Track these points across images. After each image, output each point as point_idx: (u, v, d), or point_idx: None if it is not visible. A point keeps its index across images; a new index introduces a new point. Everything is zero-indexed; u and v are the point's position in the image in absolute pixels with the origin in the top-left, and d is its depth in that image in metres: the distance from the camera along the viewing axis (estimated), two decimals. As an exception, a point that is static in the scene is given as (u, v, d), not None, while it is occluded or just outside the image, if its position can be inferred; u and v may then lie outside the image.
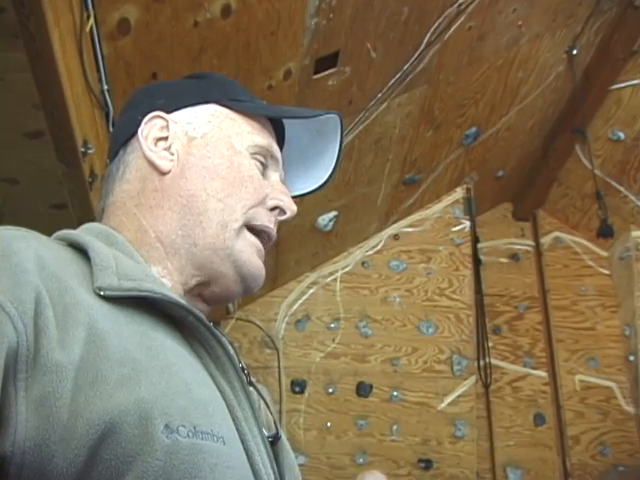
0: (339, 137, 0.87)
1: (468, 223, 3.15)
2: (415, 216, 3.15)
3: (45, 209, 2.01)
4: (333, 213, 2.73)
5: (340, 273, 3.04)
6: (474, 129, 2.79)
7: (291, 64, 1.82)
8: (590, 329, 3.17)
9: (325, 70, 1.96)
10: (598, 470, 2.95)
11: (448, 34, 2.17)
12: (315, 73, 1.93)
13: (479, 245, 3.22)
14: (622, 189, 3.04)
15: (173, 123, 0.78)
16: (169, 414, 0.56)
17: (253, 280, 0.77)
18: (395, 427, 2.82)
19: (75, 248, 0.68)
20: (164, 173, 0.76)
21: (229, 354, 0.67)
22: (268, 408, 0.79)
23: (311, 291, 3.00)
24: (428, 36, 2.12)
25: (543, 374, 3.09)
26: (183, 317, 0.66)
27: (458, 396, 2.87)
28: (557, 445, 2.99)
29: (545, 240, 3.34)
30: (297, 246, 2.80)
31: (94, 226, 0.75)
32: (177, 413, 0.56)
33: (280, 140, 0.86)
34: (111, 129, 1.47)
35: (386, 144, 2.54)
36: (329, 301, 2.99)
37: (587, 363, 3.10)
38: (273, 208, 0.79)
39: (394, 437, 2.81)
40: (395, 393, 2.87)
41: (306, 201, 0.95)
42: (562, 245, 3.34)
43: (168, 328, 0.65)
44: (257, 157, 0.79)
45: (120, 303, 0.62)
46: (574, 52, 2.67)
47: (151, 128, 0.78)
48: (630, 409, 3.01)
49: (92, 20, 1.30)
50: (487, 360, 3.05)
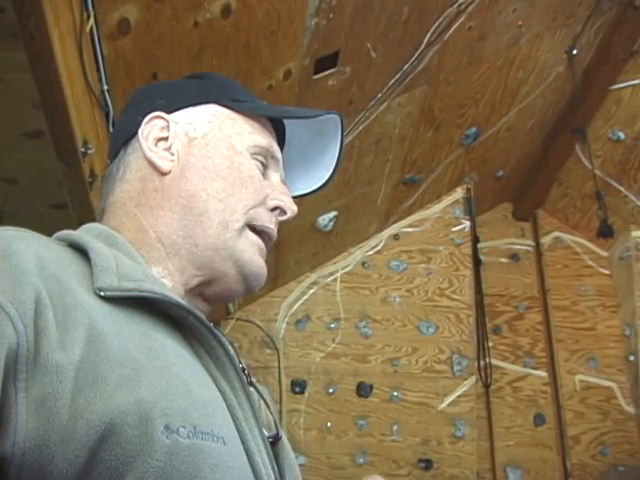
0: (339, 137, 0.87)
1: (468, 223, 3.15)
2: (415, 216, 3.15)
3: (45, 209, 2.01)
4: (333, 213, 2.73)
5: (340, 273, 3.04)
6: (474, 129, 2.79)
7: (291, 64, 1.82)
8: (590, 329, 3.17)
9: (325, 70, 1.95)
10: (598, 470, 2.94)
11: (448, 34, 2.17)
12: (315, 73, 1.93)
13: (479, 245, 3.22)
14: (622, 189, 3.04)
15: (173, 123, 0.78)
16: (169, 415, 0.56)
17: (255, 279, 0.77)
18: (395, 427, 2.82)
19: (75, 249, 0.68)
20: (164, 173, 0.76)
21: (229, 354, 0.67)
22: (268, 408, 0.79)
23: (311, 291, 3.00)
24: (428, 36, 2.12)
25: (543, 374, 3.09)
26: (183, 317, 0.65)
27: (458, 396, 2.87)
28: (557, 445, 2.99)
29: (545, 240, 3.34)
30: (297, 246, 2.80)
31: (94, 226, 0.75)
32: (177, 414, 0.56)
33: (280, 140, 0.86)
34: (111, 129, 1.47)
35: (386, 144, 2.54)
36: (329, 301, 2.99)
37: (587, 363, 3.10)
38: (274, 208, 0.79)
39: (394, 437, 2.81)
40: (395, 393, 2.86)
41: (306, 201, 0.95)
42: (562, 245, 3.34)
43: (168, 328, 0.65)
44: (257, 157, 0.79)
45: (120, 304, 0.62)
46: (574, 52, 2.67)
47: (151, 128, 0.78)
48: (630, 409, 3.01)
49: (92, 20, 1.30)
50: (487, 360, 3.05)
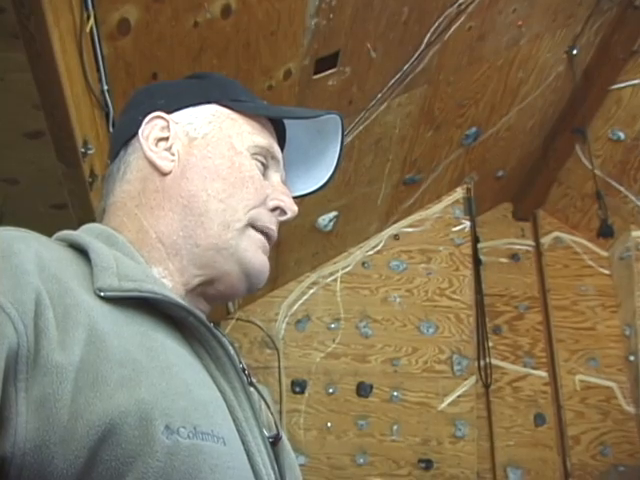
0: (340, 137, 0.87)
1: (468, 223, 3.15)
2: (415, 216, 3.15)
3: (45, 209, 2.01)
4: (333, 213, 2.73)
5: (340, 273, 3.04)
6: (474, 129, 2.79)
7: (291, 64, 1.82)
8: (590, 329, 3.17)
9: (325, 70, 1.95)
10: (598, 470, 2.94)
11: (448, 34, 2.17)
12: (315, 73, 1.93)
13: (479, 245, 3.22)
14: (622, 189, 3.04)
15: (174, 123, 0.78)
16: (169, 415, 0.56)
17: (257, 277, 0.77)
18: (395, 427, 2.82)
19: (76, 249, 0.68)
20: (165, 174, 0.76)
21: (230, 355, 0.67)
22: (269, 408, 0.79)
23: (311, 291, 3.00)
24: (428, 36, 2.12)
25: (543, 374, 3.09)
26: (183, 318, 0.65)
27: (458, 396, 2.87)
28: (557, 445, 2.98)
29: (545, 240, 3.34)
30: (297, 246, 2.80)
31: (95, 227, 0.75)
32: (177, 414, 0.56)
33: (281, 140, 0.85)
34: (111, 129, 1.47)
35: (386, 144, 2.54)
36: (329, 301, 2.99)
37: (587, 363, 3.10)
38: (274, 209, 0.79)
39: (394, 437, 2.81)
40: (395, 393, 2.86)
41: (306, 201, 0.95)
42: (562, 245, 3.34)
43: (169, 329, 0.65)
44: (258, 157, 0.79)
45: (120, 304, 0.62)
46: (574, 52, 2.67)
47: (152, 128, 0.78)
48: (630, 409, 3.01)
49: (92, 20, 1.30)
50: (487, 360, 3.05)
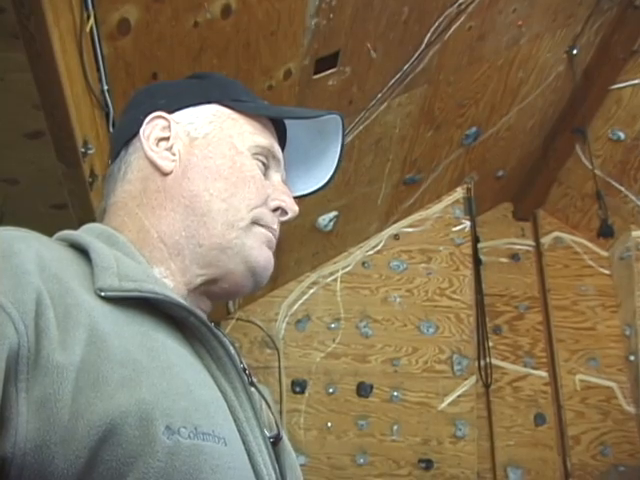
0: (340, 137, 0.87)
1: (468, 223, 3.15)
2: (415, 216, 3.15)
3: (45, 209, 2.01)
4: (333, 213, 2.73)
5: (340, 273, 3.04)
6: (474, 129, 2.79)
7: (291, 64, 1.82)
8: (590, 329, 3.16)
9: (325, 70, 1.95)
10: (599, 470, 2.94)
11: (448, 34, 2.17)
12: (315, 73, 1.93)
13: (479, 245, 3.22)
14: (622, 189, 3.04)
15: (175, 123, 0.78)
16: (170, 415, 0.55)
17: (262, 275, 0.77)
18: (395, 427, 2.82)
19: (76, 249, 0.67)
20: (166, 173, 0.76)
21: (230, 355, 0.67)
22: (270, 409, 0.79)
23: (311, 291, 3.00)
24: (428, 36, 2.12)
25: (543, 374, 3.09)
26: (184, 318, 0.65)
27: (458, 396, 2.87)
28: (558, 445, 2.98)
29: (545, 240, 3.34)
30: (297, 246, 2.80)
31: (95, 226, 0.75)
32: (178, 414, 0.56)
33: (281, 140, 0.85)
34: (111, 129, 1.47)
35: (386, 144, 2.54)
36: (329, 301, 2.99)
37: (587, 363, 3.10)
38: (275, 209, 0.79)
39: (394, 437, 2.81)
40: (395, 393, 2.86)
41: (306, 201, 0.95)
42: (562, 245, 3.34)
43: (169, 329, 0.65)
44: (259, 157, 0.79)
45: (121, 304, 0.62)
46: (574, 52, 2.67)
47: (153, 128, 0.78)
48: (631, 409, 3.01)
49: (92, 20, 1.30)
50: (487, 360, 3.05)
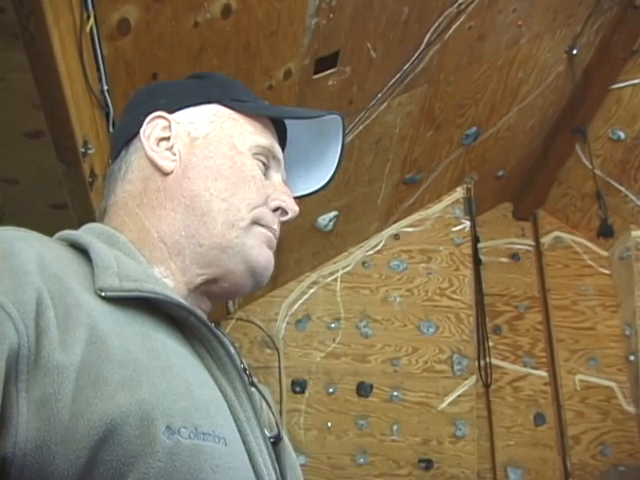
0: (341, 138, 0.87)
1: (468, 223, 3.15)
2: (415, 216, 3.15)
3: (45, 209, 2.02)
4: (333, 213, 2.73)
5: (340, 273, 3.04)
6: (474, 129, 2.79)
7: (291, 64, 1.82)
8: (590, 329, 3.16)
9: (325, 70, 1.95)
10: (599, 470, 2.94)
11: (448, 34, 2.17)
12: (315, 73, 1.93)
13: (479, 245, 3.21)
14: (622, 189, 3.04)
15: (175, 123, 0.78)
16: (170, 415, 0.55)
17: (262, 274, 0.77)
18: (395, 427, 2.82)
19: (76, 249, 0.67)
20: (167, 173, 0.76)
21: (231, 355, 0.67)
22: (270, 409, 0.79)
23: (311, 291, 3.00)
24: (428, 36, 2.12)
25: (543, 374, 3.09)
26: (185, 318, 0.65)
27: (458, 396, 2.87)
28: (557, 445, 2.98)
29: (545, 240, 3.34)
30: (297, 246, 2.80)
31: (95, 226, 0.75)
32: (178, 414, 0.56)
33: (282, 140, 0.85)
34: (111, 129, 1.47)
35: (386, 144, 2.54)
36: (329, 301, 2.99)
37: (587, 363, 3.10)
38: (275, 209, 0.79)
39: (394, 437, 2.81)
40: (395, 393, 2.86)
41: (306, 201, 0.95)
42: (562, 245, 3.34)
43: (169, 329, 0.65)
44: (259, 157, 0.79)
45: (121, 304, 0.62)
46: (574, 52, 2.67)
47: (153, 128, 0.78)
48: (630, 409, 3.01)
49: (92, 20, 1.30)
50: (487, 360, 3.05)
